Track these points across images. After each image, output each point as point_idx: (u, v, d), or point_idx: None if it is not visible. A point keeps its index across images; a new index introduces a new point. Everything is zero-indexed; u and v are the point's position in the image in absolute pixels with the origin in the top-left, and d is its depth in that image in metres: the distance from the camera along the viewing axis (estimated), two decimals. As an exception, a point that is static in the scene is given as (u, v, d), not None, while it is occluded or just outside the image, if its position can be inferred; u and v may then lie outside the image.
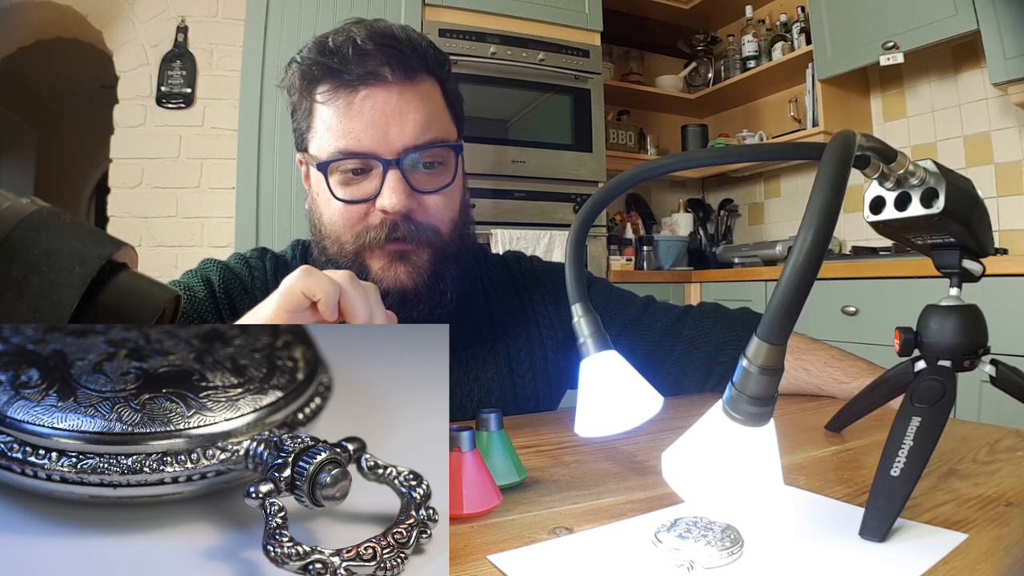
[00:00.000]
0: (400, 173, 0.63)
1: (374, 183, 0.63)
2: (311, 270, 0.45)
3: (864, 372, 0.71)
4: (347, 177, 0.64)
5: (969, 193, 0.41)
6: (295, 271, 0.45)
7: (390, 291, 0.65)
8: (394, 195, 0.62)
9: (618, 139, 2.77)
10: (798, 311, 0.27)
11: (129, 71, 2.10)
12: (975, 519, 0.35)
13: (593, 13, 2.38)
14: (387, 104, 0.63)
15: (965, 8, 1.82)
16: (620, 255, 2.51)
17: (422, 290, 0.66)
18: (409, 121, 0.63)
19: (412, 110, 0.63)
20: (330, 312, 0.44)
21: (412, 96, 0.64)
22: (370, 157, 0.63)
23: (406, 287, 0.65)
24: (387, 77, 0.63)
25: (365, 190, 0.64)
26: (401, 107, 0.63)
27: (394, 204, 0.62)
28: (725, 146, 2.16)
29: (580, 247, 0.44)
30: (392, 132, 0.62)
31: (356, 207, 0.64)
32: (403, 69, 0.63)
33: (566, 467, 0.48)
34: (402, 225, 0.64)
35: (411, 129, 0.63)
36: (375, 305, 0.46)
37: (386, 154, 0.62)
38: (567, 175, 2.28)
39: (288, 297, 0.45)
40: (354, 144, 0.62)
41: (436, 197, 0.66)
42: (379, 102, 0.63)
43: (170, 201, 2.09)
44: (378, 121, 0.62)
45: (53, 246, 0.25)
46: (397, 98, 0.63)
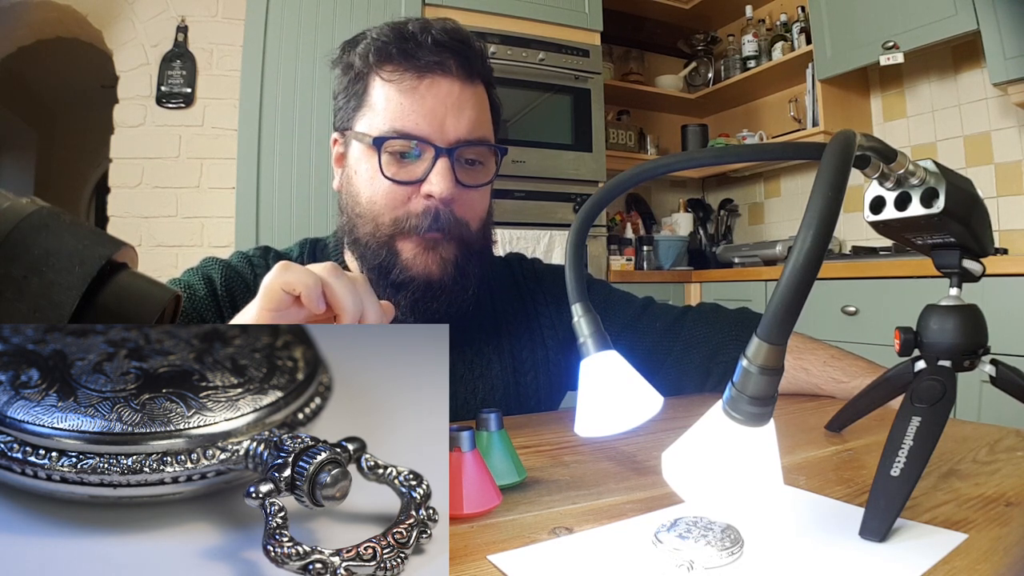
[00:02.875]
0: (449, 162, 0.64)
1: (422, 167, 0.65)
2: (289, 265, 0.43)
3: (864, 371, 0.71)
4: (395, 158, 0.65)
5: (969, 193, 0.41)
6: (272, 268, 0.43)
7: (415, 279, 0.66)
8: (443, 181, 0.63)
9: (618, 139, 2.77)
10: (798, 311, 0.27)
11: (129, 71, 2.10)
12: (975, 519, 0.35)
13: (593, 13, 2.38)
14: (449, 96, 0.65)
15: (965, 8, 1.82)
16: (620, 255, 2.51)
17: (448, 282, 0.67)
18: (466, 116, 0.65)
19: (469, 107, 0.66)
20: (315, 304, 0.42)
21: (471, 95, 0.67)
22: (424, 142, 0.64)
23: (433, 277, 0.66)
24: (453, 71, 0.65)
25: (413, 173, 0.65)
26: (461, 101, 0.66)
27: (442, 191, 0.63)
28: (725, 146, 2.16)
29: (580, 247, 0.44)
30: (449, 123, 0.65)
31: (401, 189, 0.65)
32: (466, 68, 0.66)
33: (566, 467, 0.48)
34: (443, 214, 0.65)
35: (466, 124, 0.65)
36: (365, 295, 0.44)
37: (439, 142, 0.64)
38: (567, 175, 2.28)
39: (269, 295, 0.43)
40: (412, 127, 0.64)
41: (474, 193, 0.68)
42: (442, 92, 0.65)
43: (170, 201, 2.09)
44: (437, 110, 0.64)
45: (53, 246, 0.25)
46: (459, 92, 0.66)
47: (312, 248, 0.79)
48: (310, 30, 2.07)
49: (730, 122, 3.00)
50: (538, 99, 2.27)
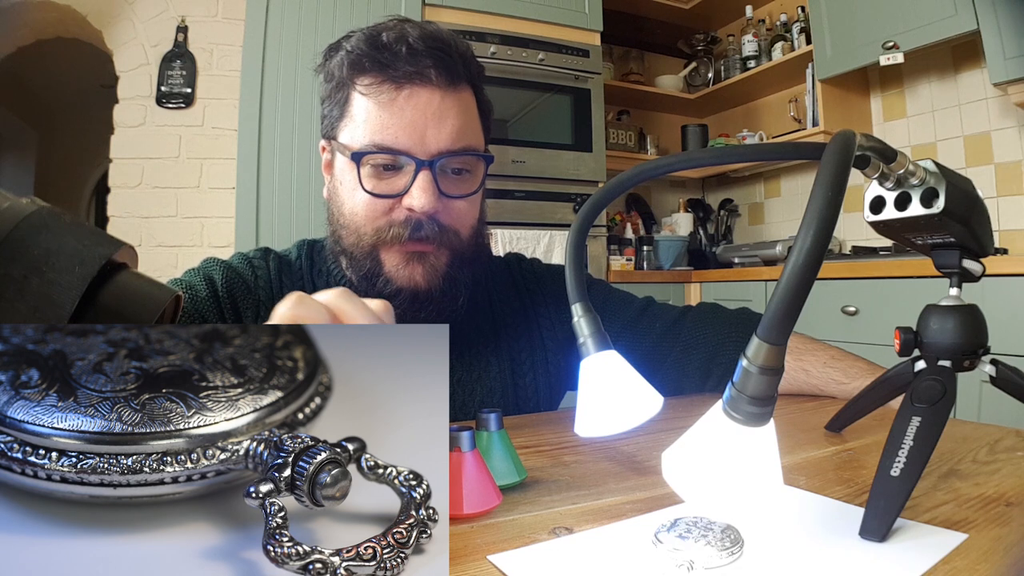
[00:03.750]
0: (431, 175, 0.63)
1: (404, 180, 0.64)
2: (303, 297, 0.40)
3: (864, 372, 0.71)
4: (377, 171, 0.64)
5: (969, 193, 0.41)
6: (286, 299, 0.40)
7: (402, 290, 0.65)
8: (423, 195, 0.62)
9: (618, 139, 2.77)
10: (798, 311, 0.27)
11: (129, 71, 2.10)
12: (975, 519, 0.35)
13: (593, 13, 2.38)
14: (429, 106, 0.63)
15: (965, 8, 1.82)
16: (620, 255, 2.51)
17: (435, 293, 0.66)
18: (447, 126, 0.64)
19: (452, 116, 0.64)
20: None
21: (453, 102, 0.65)
22: (404, 155, 0.63)
23: (419, 288, 0.65)
24: (432, 79, 0.63)
25: (394, 186, 0.64)
26: (442, 111, 0.64)
27: (422, 204, 0.62)
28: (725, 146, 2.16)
29: (580, 247, 0.44)
30: (429, 134, 0.63)
31: (381, 201, 0.64)
32: (448, 74, 0.64)
33: (566, 467, 0.48)
34: (426, 225, 0.64)
35: (448, 134, 0.64)
36: (385, 317, 0.42)
37: (420, 154, 0.63)
38: (567, 175, 2.28)
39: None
40: (391, 140, 0.63)
41: (461, 203, 0.66)
42: (421, 103, 0.63)
43: (170, 201, 2.09)
44: (417, 121, 0.63)
45: (53, 246, 0.25)
46: (439, 102, 0.64)
47: (310, 249, 0.79)
48: (310, 30, 2.07)
49: (730, 122, 3.00)
50: (538, 99, 2.27)
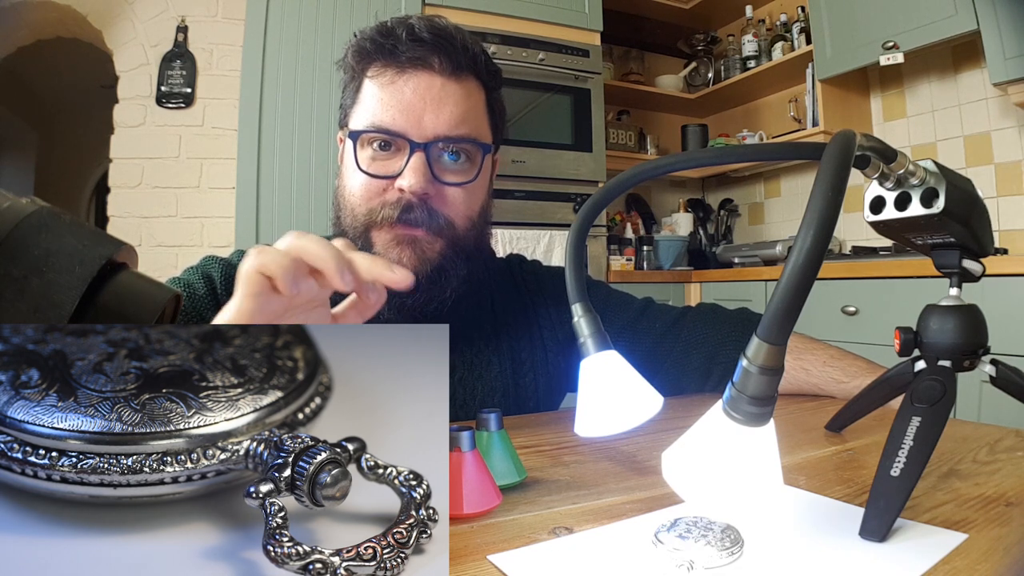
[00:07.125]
0: (425, 157, 0.64)
1: (399, 162, 0.64)
2: (262, 248, 0.39)
3: (863, 371, 0.71)
4: (375, 152, 0.66)
5: (969, 193, 0.41)
6: (246, 256, 0.39)
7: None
8: (414, 176, 0.63)
9: (618, 139, 2.77)
10: (798, 311, 0.27)
11: (129, 71, 2.09)
12: (975, 519, 0.35)
13: (593, 13, 2.38)
14: (428, 91, 0.64)
15: (965, 8, 1.81)
16: (620, 255, 2.51)
17: (422, 280, 0.65)
18: (445, 112, 0.64)
19: (451, 102, 0.65)
20: (289, 286, 0.38)
21: (454, 89, 0.66)
22: (400, 137, 0.64)
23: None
24: (434, 66, 0.65)
25: (389, 168, 0.65)
26: (441, 97, 0.65)
27: (412, 185, 0.63)
28: (725, 146, 2.16)
29: (580, 247, 0.44)
30: (426, 118, 0.64)
31: (376, 182, 0.65)
32: (451, 63, 0.65)
33: (566, 467, 0.48)
34: (416, 208, 0.64)
35: (445, 120, 0.64)
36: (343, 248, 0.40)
37: (416, 137, 0.64)
38: (567, 175, 2.27)
39: (247, 281, 0.39)
40: (388, 121, 0.64)
41: (456, 190, 0.67)
42: (421, 87, 0.64)
43: (170, 201, 2.09)
44: (415, 104, 0.64)
45: (53, 246, 0.25)
46: (439, 88, 0.65)
47: None
48: (310, 30, 2.07)
49: (730, 122, 3.00)
50: (538, 99, 2.27)
